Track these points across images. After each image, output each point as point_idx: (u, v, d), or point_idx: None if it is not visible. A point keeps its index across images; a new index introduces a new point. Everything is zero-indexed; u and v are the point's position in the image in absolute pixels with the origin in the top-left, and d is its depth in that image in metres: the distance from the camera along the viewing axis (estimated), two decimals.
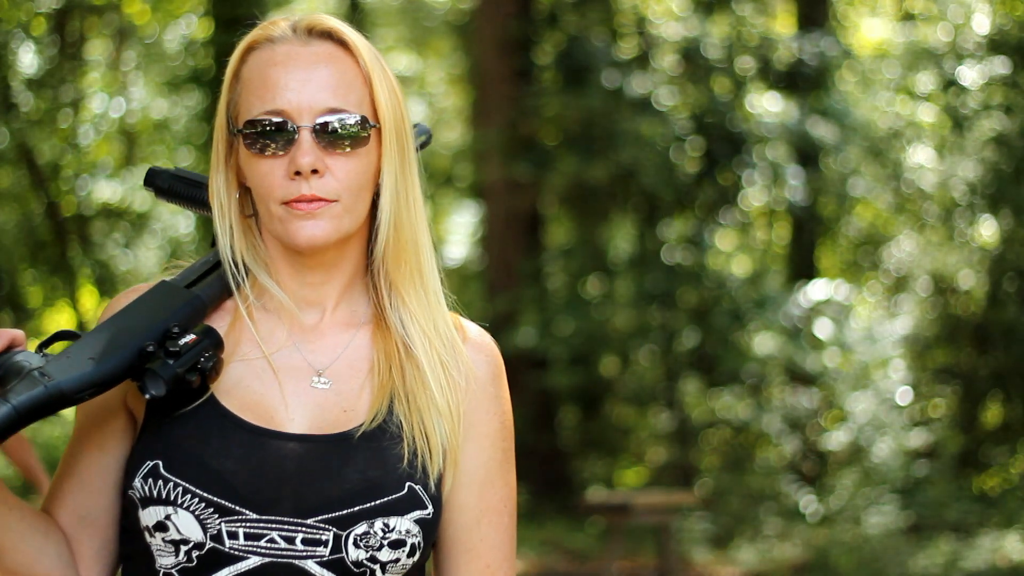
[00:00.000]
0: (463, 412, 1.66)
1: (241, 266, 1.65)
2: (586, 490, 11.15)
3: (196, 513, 1.53)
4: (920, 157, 11.46)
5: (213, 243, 1.70)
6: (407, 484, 1.59)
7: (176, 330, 1.54)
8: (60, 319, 13.78)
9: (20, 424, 1.45)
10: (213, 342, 1.55)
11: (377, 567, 1.57)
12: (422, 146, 1.78)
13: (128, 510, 1.59)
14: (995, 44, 10.37)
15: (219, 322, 1.64)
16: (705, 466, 11.29)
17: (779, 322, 10.27)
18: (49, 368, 1.48)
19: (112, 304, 1.65)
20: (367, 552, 1.56)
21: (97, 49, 14.22)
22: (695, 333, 10.54)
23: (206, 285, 1.65)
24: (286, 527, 1.55)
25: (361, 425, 1.61)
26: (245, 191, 1.66)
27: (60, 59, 12.99)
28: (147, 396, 1.51)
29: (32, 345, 1.54)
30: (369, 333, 1.68)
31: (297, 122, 1.59)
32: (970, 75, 10.56)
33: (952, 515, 9.58)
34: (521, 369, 10.47)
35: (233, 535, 1.54)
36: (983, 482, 10.57)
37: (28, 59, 12.77)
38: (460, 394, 1.66)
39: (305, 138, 1.58)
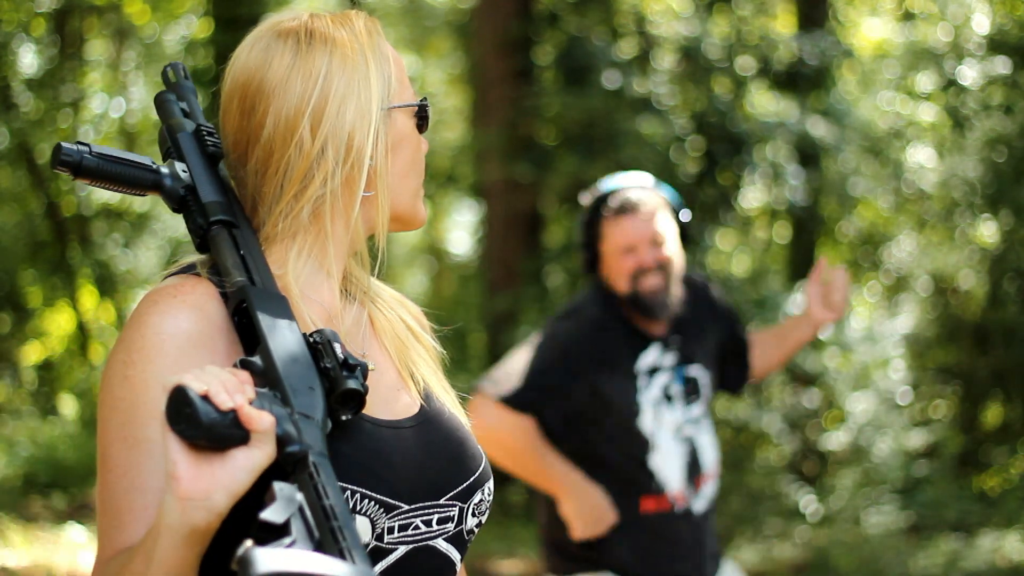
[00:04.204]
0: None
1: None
2: None
3: (371, 516, 1.52)
4: (920, 157, 11.45)
5: (195, 246, 1.62)
6: (478, 447, 1.68)
7: (316, 340, 1.47)
8: (60, 319, 13.78)
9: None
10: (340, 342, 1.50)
11: (473, 534, 1.65)
12: None
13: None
14: (995, 44, 10.35)
15: None
16: None
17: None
18: (308, 438, 1.37)
19: (157, 309, 1.50)
20: (476, 519, 1.63)
21: (97, 49, 14.21)
22: None
23: (262, 277, 1.54)
24: (426, 511, 1.58)
25: (428, 399, 1.67)
26: None
27: (60, 59, 12.99)
28: (346, 417, 1.46)
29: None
30: (363, 312, 1.70)
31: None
32: (970, 75, 10.55)
33: (952, 515, 9.57)
34: None
35: (391, 530, 1.55)
36: (983, 482, 10.55)
37: (28, 59, 12.77)
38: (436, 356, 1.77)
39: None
